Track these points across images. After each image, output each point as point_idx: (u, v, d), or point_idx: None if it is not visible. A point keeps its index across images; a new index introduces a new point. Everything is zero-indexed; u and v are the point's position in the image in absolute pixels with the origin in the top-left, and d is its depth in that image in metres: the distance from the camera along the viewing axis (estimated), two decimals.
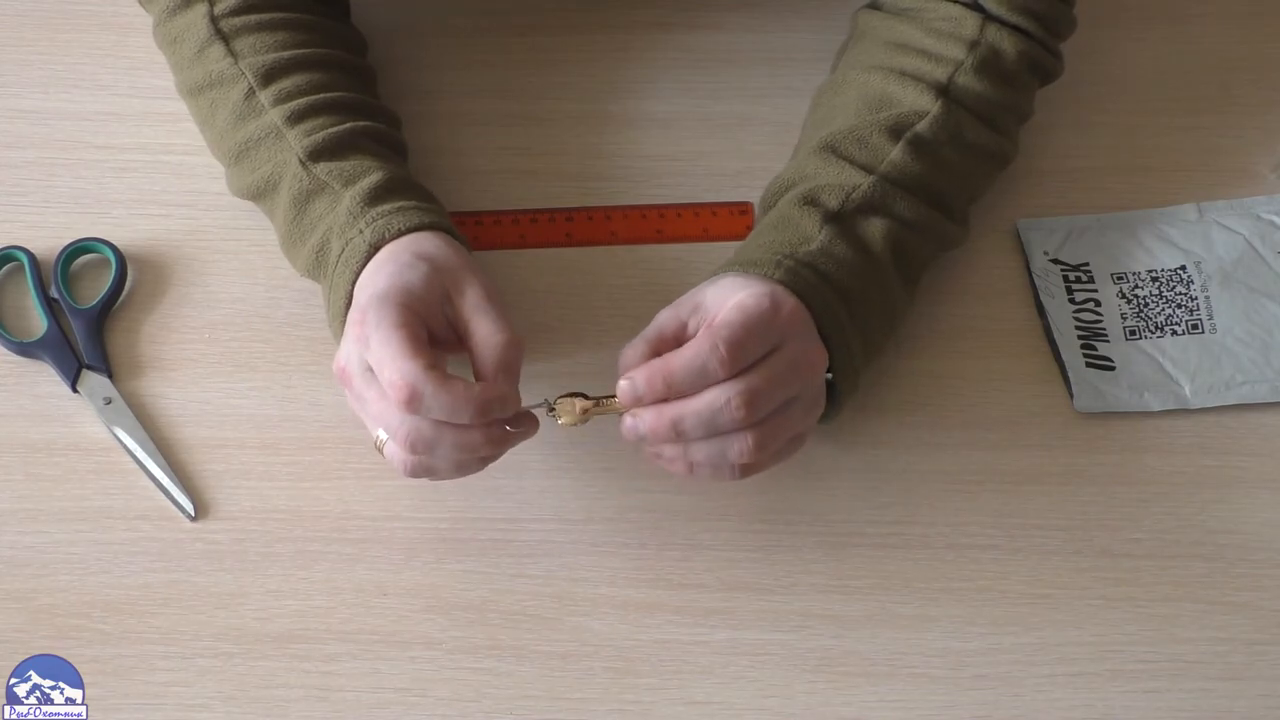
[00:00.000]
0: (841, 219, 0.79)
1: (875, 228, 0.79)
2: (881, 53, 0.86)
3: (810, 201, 0.79)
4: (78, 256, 0.87)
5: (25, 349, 0.84)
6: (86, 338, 0.84)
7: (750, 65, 0.97)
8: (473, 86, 0.96)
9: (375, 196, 0.78)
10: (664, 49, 0.98)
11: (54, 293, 0.85)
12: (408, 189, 0.80)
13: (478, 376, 0.72)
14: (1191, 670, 0.76)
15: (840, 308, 0.76)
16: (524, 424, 0.74)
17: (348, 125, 0.81)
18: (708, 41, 0.98)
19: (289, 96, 0.82)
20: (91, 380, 0.83)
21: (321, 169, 0.79)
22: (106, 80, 0.95)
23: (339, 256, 0.76)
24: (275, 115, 0.81)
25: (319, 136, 0.80)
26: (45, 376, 0.83)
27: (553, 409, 0.75)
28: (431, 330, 0.72)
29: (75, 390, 0.83)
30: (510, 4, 0.99)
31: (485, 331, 0.72)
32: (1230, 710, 0.75)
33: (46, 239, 0.87)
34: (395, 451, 0.72)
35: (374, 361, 0.70)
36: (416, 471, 0.72)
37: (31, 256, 0.86)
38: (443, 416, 0.69)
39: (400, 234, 0.75)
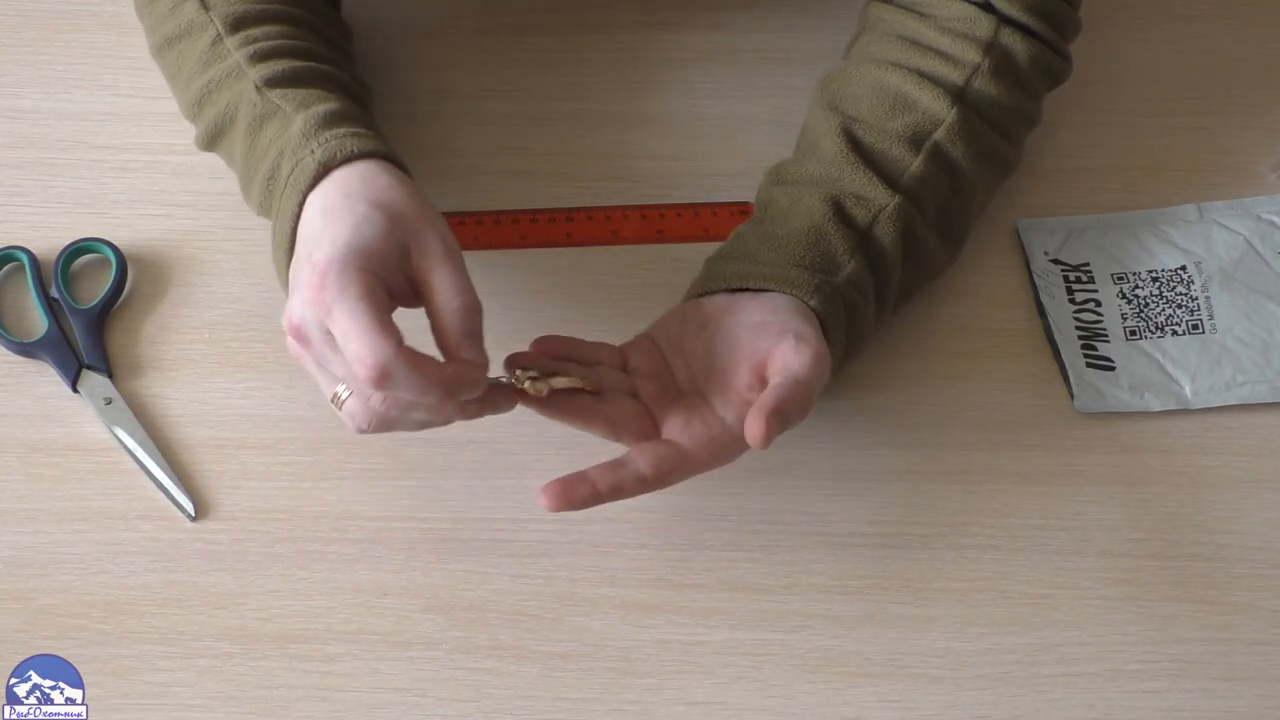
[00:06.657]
0: (868, 241, 0.80)
1: (892, 247, 0.80)
2: (895, 48, 0.85)
3: (840, 215, 0.80)
4: (78, 256, 0.87)
5: (25, 349, 0.84)
6: (86, 338, 0.84)
7: (750, 65, 0.97)
8: (473, 86, 0.96)
9: (329, 121, 0.75)
10: (664, 49, 0.98)
11: (54, 293, 0.85)
12: (363, 121, 0.77)
13: (439, 340, 0.70)
14: (1191, 670, 0.76)
15: (843, 339, 0.78)
16: (497, 399, 0.72)
17: (310, 64, 0.80)
18: (708, 41, 0.98)
19: (254, 41, 0.80)
20: (91, 380, 0.83)
21: (276, 94, 0.78)
22: (106, 80, 0.95)
23: (288, 177, 0.74)
24: (239, 57, 0.79)
25: (278, 68, 0.79)
26: (45, 376, 0.83)
27: (520, 384, 0.73)
28: (390, 289, 0.69)
29: (75, 390, 0.83)
30: (511, 4, 0.99)
31: (446, 295, 0.69)
32: (1230, 710, 0.75)
33: (46, 239, 0.87)
34: (356, 409, 0.70)
35: (338, 333, 0.67)
36: (378, 429, 0.71)
37: (31, 256, 0.86)
38: (411, 396, 0.68)
39: (352, 157, 0.72)
